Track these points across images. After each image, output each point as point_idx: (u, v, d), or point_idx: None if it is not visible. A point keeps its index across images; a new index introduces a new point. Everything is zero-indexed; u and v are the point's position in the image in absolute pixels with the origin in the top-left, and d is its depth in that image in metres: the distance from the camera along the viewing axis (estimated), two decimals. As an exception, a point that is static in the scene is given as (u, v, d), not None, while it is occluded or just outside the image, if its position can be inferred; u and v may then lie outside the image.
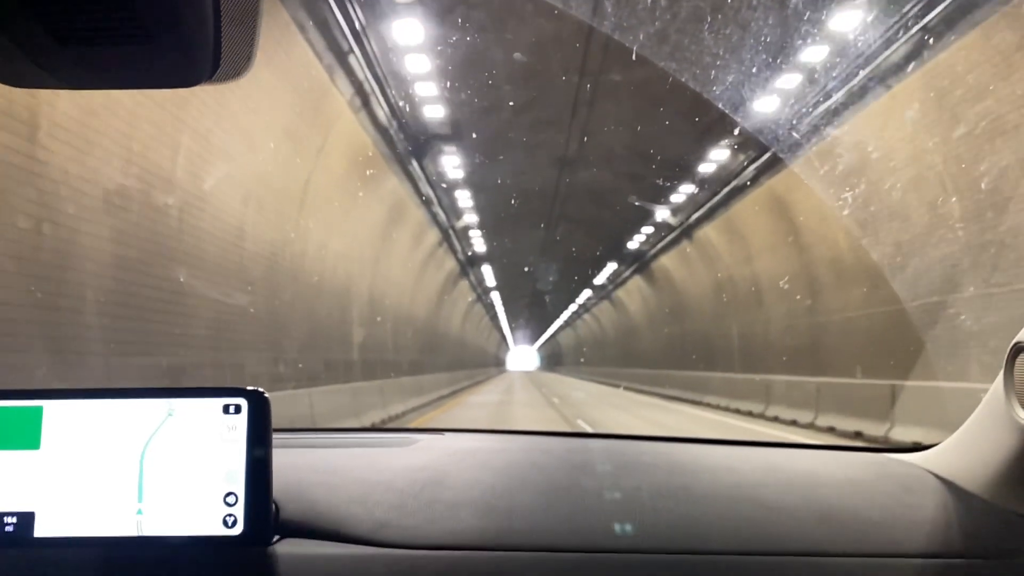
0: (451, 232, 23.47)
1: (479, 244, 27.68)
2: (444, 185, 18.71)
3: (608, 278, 36.20)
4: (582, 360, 54.88)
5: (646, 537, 1.17)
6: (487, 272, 35.38)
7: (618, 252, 31.56)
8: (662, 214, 23.32)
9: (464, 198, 21.29)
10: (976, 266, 9.97)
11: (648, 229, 25.69)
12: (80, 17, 0.74)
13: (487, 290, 39.62)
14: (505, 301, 48.77)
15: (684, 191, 20.33)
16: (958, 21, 8.97)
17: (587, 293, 43.36)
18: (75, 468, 1.07)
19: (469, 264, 30.33)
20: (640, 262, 30.20)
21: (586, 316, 49.36)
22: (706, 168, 18.25)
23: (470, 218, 23.13)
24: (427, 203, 18.91)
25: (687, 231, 23.00)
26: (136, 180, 6.98)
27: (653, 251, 27.26)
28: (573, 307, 50.04)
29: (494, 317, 52.82)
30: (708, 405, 20.40)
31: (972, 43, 8.86)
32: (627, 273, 32.89)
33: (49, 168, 5.70)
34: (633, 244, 28.32)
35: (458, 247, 26.12)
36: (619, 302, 37.42)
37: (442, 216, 21.44)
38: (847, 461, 1.50)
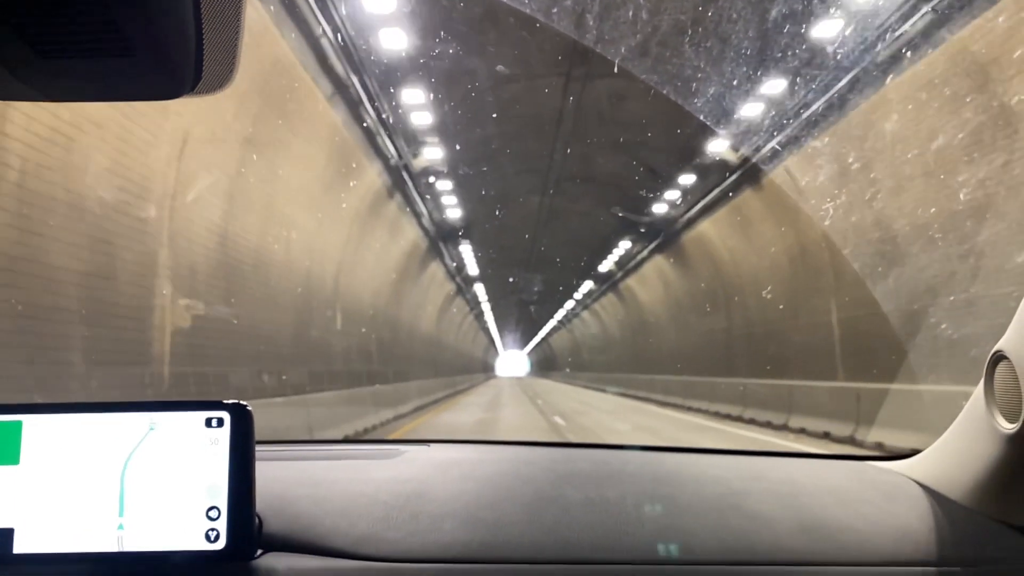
0: (406, 175, 15.44)
1: (451, 205, 19.62)
2: (378, 71, 10.69)
3: (617, 262, 28.21)
4: (580, 365, 46.82)
5: (631, 547, 1.14)
6: (467, 256, 27.36)
7: (633, 224, 23.67)
8: (715, 147, 15.42)
9: (421, 117, 13.32)
10: None
11: (687, 178, 17.75)
12: (61, 30, 0.71)
13: (469, 279, 31.54)
14: (492, 298, 40.82)
15: (767, 92, 12.40)
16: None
17: (588, 285, 35.37)
18: (55, 483, 1.04)
19: (441, 239, 22.29)
20: (666, 234, 22.25)
21: (584, 314, 41.34)
22: (818, 35, 10.37)
23: (432, 153, 15.12)
24: (347, 97, 10.86)
25: (751, 173, 15.11)
26: None
27: (689, 214, 19.33)
28: (570, 304, 42.06)
29: (480, 315, 44.78)
30: (803, 432, 12.54)
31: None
32: (644, 252, 24.91)
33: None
34: (659, 206, 20.40)
35: (421, 207, 18.09)
36: (630, 293, 29.43)
37: (387, 146, 13.46)
38: (830, 469, 1.47)
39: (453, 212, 20.16)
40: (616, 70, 13.72)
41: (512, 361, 73.39)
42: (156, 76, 0.79)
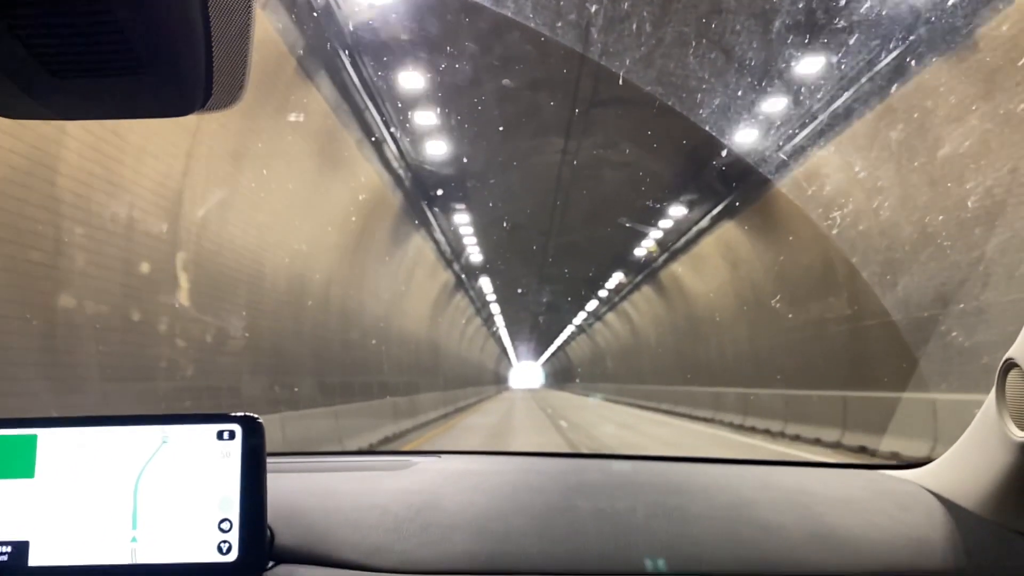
0: (343, 53, 8.44)
1: (429, 126, 12.59)
2: None
3: (661, 240, 21.08)
4: (604, 375, 39.53)
5: (641, 559, 1.11)
6: (467, 237, 20.43)
7: (692, 177, 16.71)
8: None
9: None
10: None
11: (808, 66, 10.65)
12: (74, 50, 0.71)
13: (470, 270, 24.48)
14: (501, 299, 33.90)
15: None
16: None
17: (617, 277, 28.24)
18: (69, 496, 1.02)
19: (424, 197, 15.34)
20: (742, 187, 15.26)
21: (609, 316, 34.18)
22: None
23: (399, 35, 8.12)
24: None
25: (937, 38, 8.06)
26: None
27: (798, 138, 12.25)
28: (593, 304, 34.94)
29: (488, 318, 37.73)
30: None
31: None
32: (704, 219, 17.81)
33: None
34: (744, 134, 13.36)
35: (379, 128, 11.11)
36: (675, 282, 22.30)
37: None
38: (842, 478, 1.42)
39: (435, 146, 13.15)
40: None
41: (526, 372, 68.37)
42: (167, 94, 0.79)
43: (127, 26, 0.68)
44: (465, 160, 14.42)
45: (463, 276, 23.95)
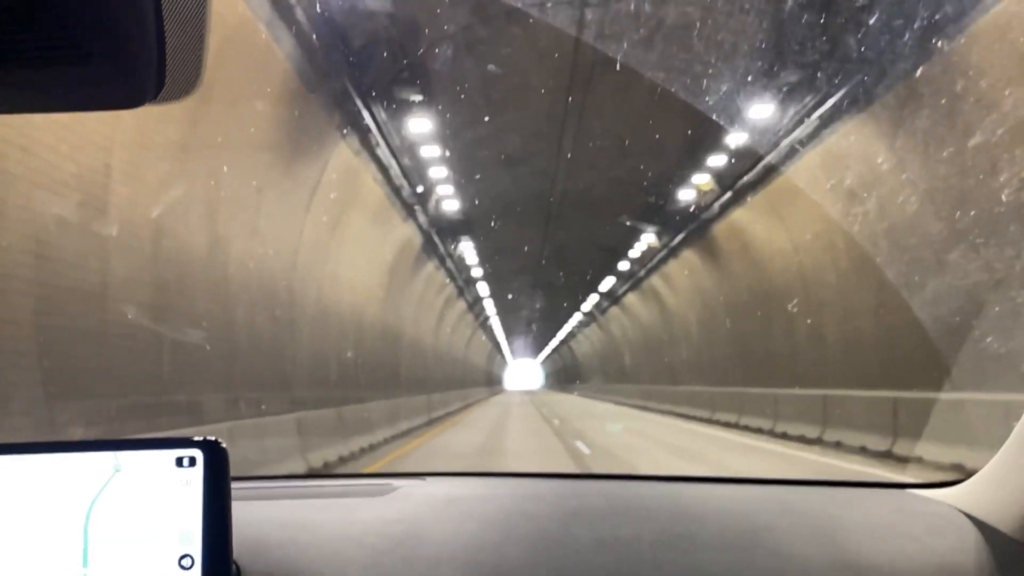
0: None
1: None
2: None
3: (719, 173, 14.52)
4: (620, 374, 32.98)
5: None
6: (435, 167, 13.98)
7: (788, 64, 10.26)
8: None
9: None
10: None
11: None
12: (12, 37, 0.65)
13: (446, 225, 17.96)
14: (492, 279, 27.60)
15: None
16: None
17: (640, 246, 21.76)
18: (13, 531, 0.91)
19: (344, 66, 8.84)
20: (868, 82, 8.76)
21: (629, 298, 27.73)
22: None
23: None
24: None
25: None
26: None
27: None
28: (608, 282, 28.49)
29: (476, 303, 31.32)
30: None
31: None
32: (805, 127, 11.27)
33: None
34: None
35: None
36: (735, 242, 15.82)
37: None
38: (867, 499, 1.32)
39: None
40: None
41: (523, 371, 62.67)
42: (116, 84, 0.72)
43: (71, 11, 0.63)
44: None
45: (434, 235, 17.43)
